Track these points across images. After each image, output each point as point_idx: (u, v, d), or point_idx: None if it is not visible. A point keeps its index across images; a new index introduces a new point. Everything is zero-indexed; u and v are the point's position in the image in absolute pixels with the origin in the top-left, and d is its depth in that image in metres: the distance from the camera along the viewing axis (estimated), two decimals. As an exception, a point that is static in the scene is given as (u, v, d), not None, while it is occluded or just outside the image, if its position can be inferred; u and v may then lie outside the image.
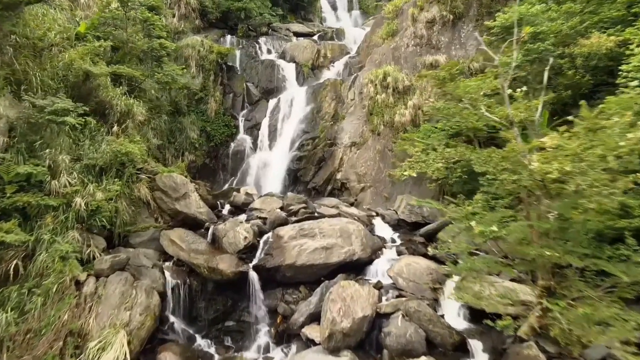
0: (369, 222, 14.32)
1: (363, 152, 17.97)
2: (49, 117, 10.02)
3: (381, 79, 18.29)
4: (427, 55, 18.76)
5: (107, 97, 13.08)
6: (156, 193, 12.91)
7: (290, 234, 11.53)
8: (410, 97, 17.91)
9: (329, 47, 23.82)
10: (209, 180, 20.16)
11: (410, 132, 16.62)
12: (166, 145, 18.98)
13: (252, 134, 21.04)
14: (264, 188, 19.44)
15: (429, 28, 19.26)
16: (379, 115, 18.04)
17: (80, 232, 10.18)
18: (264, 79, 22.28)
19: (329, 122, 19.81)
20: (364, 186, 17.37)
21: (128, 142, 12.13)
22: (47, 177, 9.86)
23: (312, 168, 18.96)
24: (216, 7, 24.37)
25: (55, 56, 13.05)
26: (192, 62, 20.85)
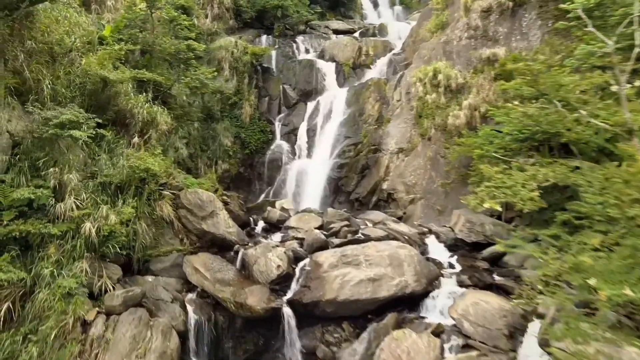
0: (421, 241, 12.37)
1: (412, 160, 15.98)
2: (53, 131, 8.75)
3: (431, 77, 16.23)
4: (483, 48, 16.52)
5: (128, 106, 11.81)
6: (181, 211, 11.50)
7: (330, 262, 9.78)
8: (465, 96, 15.76)
9: (371, 44, 21.91)
10: (243, 190, 18.77)
11: (467, 137, 14.51)
12: (198, 154, 17.73)
13: (290, 140, 19.47)
14: (303, 199, 17.83)
15: (485, 18, 17.00)
16: (429, 117, 15.99)
17: (91, 262, 8.85)
18: (302, 80, 20.66)
19: (373, 125, 17.92)
20: (413, 198, 15.39)
21: (149, 156, 10.76)
22: (51, 200, 8.58)
23: (355, 177, 17.15)
24: (251, 6, 22.99)
25: (73, 62, 11.91)
26: (226, 65, 19.52)
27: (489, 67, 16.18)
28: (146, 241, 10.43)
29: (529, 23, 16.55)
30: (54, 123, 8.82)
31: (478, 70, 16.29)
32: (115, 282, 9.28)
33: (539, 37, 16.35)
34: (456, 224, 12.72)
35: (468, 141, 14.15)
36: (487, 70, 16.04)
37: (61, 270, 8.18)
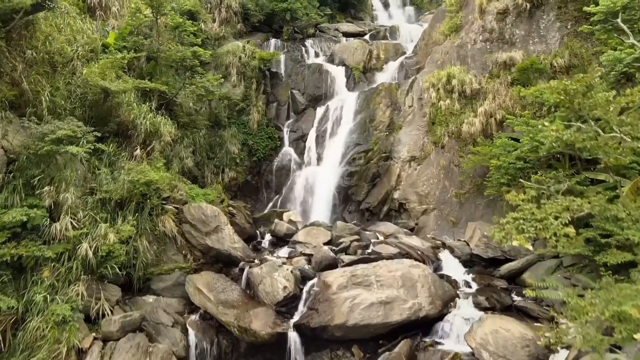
0: (435, 256, 11.78)
1: (424, 168, 15.36)
2: (49, 147, 8.33)
3: (444, 82, 15.59)
4: (499, 52, 15.84)
5: (130, 116, 11.39)
6: (184, 226, 11.05)
7: (340, 282, 9.24)
8: (480, 102, 15.10)
9: (381, 47, 21.28)
10: (251, 198, 18.31)
11: (482, 145, 13.87)
12: (205, 162, 17.29)
13: (298, 147, 18.94)
14: (312, 208, 17.31)
15: (501, 20, 16.32)
16: (442, 124, 15.36)
17: (88, 284, 8.42)
18: (311, 85, 20.12)
19: (384, 132, 17.33)
20: (426, 208, 14.78)
21: (150, 170, 10.31)
22: (45, 220, 8.16)
23: (365, 185, 16.57)
24: (259, 9, 22.49)
25: (75, 71, 11.53)
26: (233, 70, 19.05)
27: (505, 71, 15.51)
28: (147, 259, 10.00)
29: (547, 25, 15.86)
30: (50, 139, 8.40)
31: (494, 75, 15.63)
32: (114, 304, 8.86)
33: (557, 40, 15.65)
34: (472, 239, 12.11)
35: (483, 150, 13.52)
36: (504, 75, 15.37)
37: (56, 294, 7.77)
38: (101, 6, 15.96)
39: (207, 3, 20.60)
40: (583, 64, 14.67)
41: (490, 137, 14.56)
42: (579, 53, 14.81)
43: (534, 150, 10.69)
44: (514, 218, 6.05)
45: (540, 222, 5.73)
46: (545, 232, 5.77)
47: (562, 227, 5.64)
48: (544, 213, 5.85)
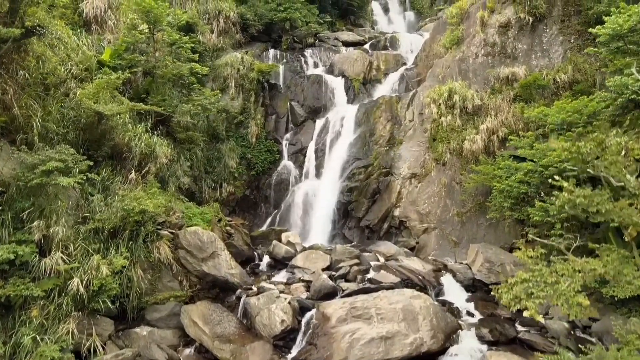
0: (436, 280, 11.52)
1: (425, 186, 15.08)
2: (39, 179, 8.04)
3: (446, 97, 15.30)
4: (501, 66, 15.57)
5: (125, 139, 11.10)
6: (180, 252, 10.77)
7: (339, 315, 8.96)
8: (482, 119, 14.82)
9: (382, 58, 20.99)
10: (249, 213, 18.03)
11: (484, 163, 13.60)
12: (202, 177, 17.00)
13: (297, 160, 18.65)
14: (311, 224, 17.04)
15: (503, 33, 16.05)
16: (443, 141, 15.08)
17: (79, 320, 8.14)
18: (310, 96, 19.82)
19: (384, 147, 17.04)
20: (427, 227, 14.50)
21: (145, 196, 10.03)
22: (35, 256, 7.88)
23: (365, 202, 16.28)
24: (258, 18, 22.18)
25: (68, 92, 11.24)
26: (231, 82, 18.77)
27: (507, 87, 15.23)
28: (142, 288, 9.72)
29: (550, 39, 15.60)
30: (41, 170, 8.11)
31: (496, 90, 15.36)
32: (107, 338, 8.59)
33: (560, 54, 15.40)
34: (474, 262, 11.84)
35: (485, 169, 13.26)
36: (506, 91, 15.09)
37: (45, 334, 7.48)
38: (97, 20, 15.66)
39: (205, 14, 20.30)
40: (587, 79, 14.41)
41: (492, 154, 14.29)
42: (582, 68, 14.55)
43: (539, 174, 10.41)
44: (523, 279, 5.73)
45: (551, 287, 5.42)
46: (556, 300, 5.45)
47: (575, 294, 5.32)
48: (555, 276, 5.53)
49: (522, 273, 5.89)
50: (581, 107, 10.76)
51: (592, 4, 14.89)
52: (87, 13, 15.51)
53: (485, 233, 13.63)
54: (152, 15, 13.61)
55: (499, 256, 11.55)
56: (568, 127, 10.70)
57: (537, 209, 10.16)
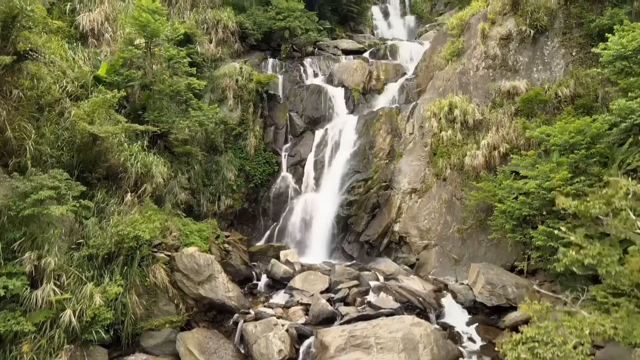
0: (437, 302, 11.33)
1: (426, 202, 14.87)
2: (30, 210, 7.84)
3: (446, 111, 15.11)
4: (502, 80, 15.39)
5: (120, 159, 10.90)
6: (176, 274, 10.58)
7: (338, 344, 8.76)
8: (483, 133, 14.63)
9: (382, 68, 20.79)
10: (248, 226, 17.82)
11: (485, 179, 13.41)
12: (200, 189, 16.79)
13: (296, 172, 18.44)
14: (310, 237, 16.83)
15: (504, 46, 15.86)
16: (444, 156, 14.88)
17: (72, 352, 7.94)
18: (310, 106, 19.62)
19: (384, 160, 16.83)
20: (427, 244, 14.30)
21: (140, 219, 9.83)
22: (26, 289, 7.69)
23: (365, 216, 16.08)
24: (257, 27, 21.95)
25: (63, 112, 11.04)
26: (230, 93, 18.54)
27: (508, 100, 15.05)
28: (137, 314, 9.53)
29: (552, 52, 15.42)
30: (33, 200, 7.91)
31: (497, 104, 15.17)
32: (101, 369, 8.37)
33: (562, 68, 15.22)
34: (475, 283, 11.64)
35: (486, 186, 13.07)
36: (507, 105, 14.91)
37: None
38: (93, 33, 15.47)
39: (204, 23, 20.08)
40: (589, 93, 14.22)
41: (493, 170, 14.11)
42: (584, 82, 14.36)
43: (541, 197, 10.21)
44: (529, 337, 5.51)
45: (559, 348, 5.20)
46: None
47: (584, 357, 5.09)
48: (562, 335, 5.30)
49: (528, 329, 5.65)
50: (584, 127, 10.58)
51: (594, 17, 14.74)
52: (84, 26, 15.33)
53: (486, 251, 13.44)
54: (149, 30, 13.43)
55: (501, 277, 11.36)
56: (571, 148, 10.52)
57: (540, 232, 9.98)
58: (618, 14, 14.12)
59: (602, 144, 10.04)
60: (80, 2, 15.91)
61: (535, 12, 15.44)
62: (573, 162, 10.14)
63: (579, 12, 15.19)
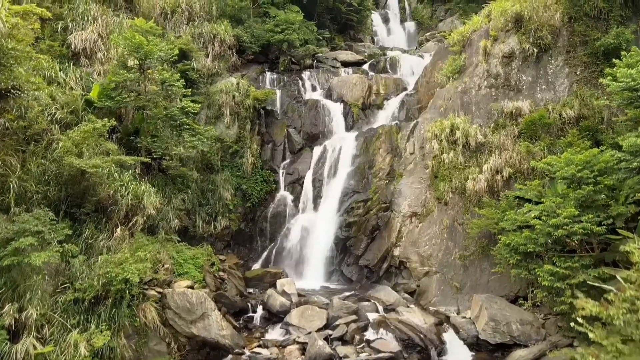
0: (438, 338, 10.91)
1: (426, 227, 14.44)
2: (10, 260, 7.42)
3: (448, 133, 14.67)
4: (505, 100, 14.96)
5: (110, 192, 10.47)
6: (168, 312, 10.16)
7: (335, 394, 8.34)
8: (486, 156, 14.19)
9: (381, 82, 20.35)
10: (244, 247, 17.38)
11: (487, 206, 12.99)
12: (196, 210, 16.34)
13: (294, 191, 18.00)
14: (308, 259, 16.42)
15: (507, 64, 15.42)
16: (445, 179, 14.43)
17: (55, 408, 7.53)
18: (308, 122, 19.19)
19: (384, 180, 16.40)
20: (428, 270, 13.86)
21: (130, 257, 9.40)
22: (5, 345, 7.27)
23: (364, 239, 15.65)
24: (255, 40, 21.50)
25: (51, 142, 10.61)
26: (226, 110, 18.10)
27: (511, 122, 14.63)
28: (125, 357, 9.10)
29: (555, 71, 14.98)
30: (12, 249, 7.48)
31: (499, 125, 14.73)
32: (86, 422, 7.95)
33: (566, 87, 14.80)
34: (478, 318, 11.21)
35: (489, 213, 12.65)
36: (510, 126, 14.48)
37: None
38: (85, 52, 15.04)
39: (200, 38, 19.63)
40: (594, 114, 13.80)
41: (496, 194, 13.69)
42: (589, 103, 13.94)
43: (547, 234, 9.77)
44: None
45: None
46: None
47: None
48: None
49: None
50: (591, 159, 10.14)
51: (599, 35, 14.30)
52: (76, 45, 14.89)
53: (489, 279, 13.01)
54: (142, 52, 12.99)
55: (504, 313, 10.93)
56: (578, 182, 10.08)
57: (546, 271, 9.56)
58: (624, 33, 13.69)
59: (610, 180, 9.60)
60: (72, 20, 15.47)
61: (539, 29, 14.99)
62: (580, 196, 9.71)
63: (583, 30, 14.73)
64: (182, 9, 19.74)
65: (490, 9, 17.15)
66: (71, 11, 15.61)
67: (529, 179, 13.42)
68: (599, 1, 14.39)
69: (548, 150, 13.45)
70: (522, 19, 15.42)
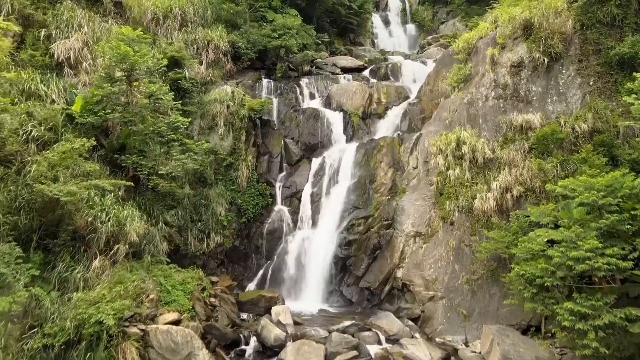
0: (445, 376, 9.97)
1: (431, 248, 13.50)
2: (-36, 311, 6.51)
3: (453, 148, 13.74)
4: (514, 112, 14.02)
5: (88, 218, 9.53)
6: (150, 352, 9.21)
7: None
8: (494, 173, 13.25)
9: (383, 90, 19.42)
10: (239, 265, 16.44)
11: (497, 227, 12.06)
12: (188, 226, 15.43)
13: (292, 205, 17.07)
14: (306, 278, 15.53)
15: (515, 74, 14.48)
16: (451, 197, 13.49)
17: None
18: (306, 132, 18.26)
19: (385, 196, 15.47)
20: (433, 295, 12.93)
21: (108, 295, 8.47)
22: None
23: (365, 258, 14.72)
24: (251, 46, 20.54)
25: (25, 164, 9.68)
26: (220, 121, 17.16)
27: (521, 135, 13.68)
28: (102, 407, 8.18)
29: (567, 81, 14.04)
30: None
31: (508, 139, 13.79)
32: None
33: (579, 99, 13.85)
34: (489, 354, 10.27)
35: (499, 236, 11.72)
36: (520, 141, 13.52)
37: None
38: (69, 62, 14.09)
39: (194, 44, 18.70)
40: (609, 128, 12.86)
41: (506, 214, 12.77)
42: (603, 115, 13.01)
43: (567, 267, 8.84)
44: None
45: None
46: None
47: None
48: None
49: None
50: (612, 183, 9.20)
51: (613, 44, 13.38)
52: (59, 54, 13.95)
53: (499, 306, 12.06)
54: (129, 63, 12.07)
55: (518, 349, 9.99)
56: (599, 208, 9.15)
57: (566, 309, 8.63)
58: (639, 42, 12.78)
59: (637, 210, 8.66)
60: (56, 28, 14.53)
61: (549, 37, 14.03)
62: (603, 225, 8.78)
63: (596, 37, 13.79)
64: (175, 14, 18.80)
65: (497, 15, 16.21)
66: (55, 18, 14.66)
67: (541, 197, 12.55)
68: (613, 7, 13.47)
69: (561, 167, 12.53)
70: (531, 26, 14.48)
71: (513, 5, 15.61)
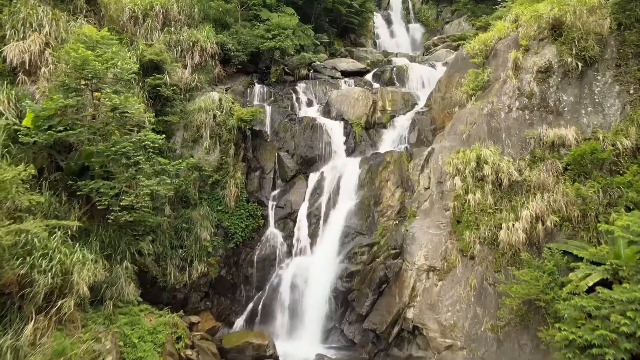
0: None
1: (448, 286, 11.40)
2: None
3: (473, 168, 11.63)
4: (543, 125, 11.92)
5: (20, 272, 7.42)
6: None
7: None
8: (522, 198, 11.16)
9: (388, 97, 17.30)
10: (226, 297, 14.36)
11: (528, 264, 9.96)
12: (168, 254, 13.40)
13: (286, 227, 14.99)
14: (302, 314, 13.57)
15: (543, 81, 12.38)
16: (471, 226, 11.39)
17: None
18: (303, 144, 16.15)
19: (393, 220, 13.39)
20: (451, 344, 10.84)
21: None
22: None
23: (369, 294, 12.64)
24: (242, 47, 18.43)
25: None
26: (206, 132, 15.05)
27: (552, 153, 11.56)
28: None
29: (603, 89, 11.94)
30: None
31: (537, 157, 11.68)
32: None
33: (618, 109, 11.77)
34: None
35: (531, 277, 9.62)
36: (552, 159, 11.39)
37: None
38: (24, 69, 11.97)
39: (178, 45, 16.58)
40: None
41: (537, 245, 10.69)
42: (651, 132, 10.89)
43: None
44: None
45: None
46: None
47: None
48: None
49: None
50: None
51: (657, 44, 11.28)
52: (12, 58, 11.84)
53: (530, 359, 10.01)
54: (89, 70, 9.96)
55: None
56: None
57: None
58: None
59: None
60: (12, 27, 12.40)
61: (583, 39, 11.92)
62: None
63: (635, 39, 11.70)
64: (156, 12, 16.66)
65: (518, 13, 14.14)
66: (11, 17, 12.54)
67: (579, 228, 10.48)
68: (655, 4, 11.37)
69: (603, 193, 10.47)
70: (561, 25, 12.37)
71: (535, 1, 13.54)
